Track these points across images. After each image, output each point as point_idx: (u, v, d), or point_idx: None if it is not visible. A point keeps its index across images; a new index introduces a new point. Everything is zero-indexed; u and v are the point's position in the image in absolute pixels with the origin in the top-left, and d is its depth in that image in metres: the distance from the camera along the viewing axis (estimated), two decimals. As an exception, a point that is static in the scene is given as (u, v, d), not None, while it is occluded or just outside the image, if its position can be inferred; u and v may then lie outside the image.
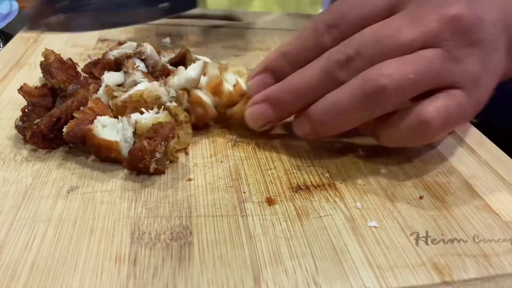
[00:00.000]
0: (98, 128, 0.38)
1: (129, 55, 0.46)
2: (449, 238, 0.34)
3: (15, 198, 0.35)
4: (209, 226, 0.34)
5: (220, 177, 0.39)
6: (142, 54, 0.46)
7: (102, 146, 0.38)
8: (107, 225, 0.33)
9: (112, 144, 0.38)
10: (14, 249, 0.31)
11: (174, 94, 0.44)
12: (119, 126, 0.39)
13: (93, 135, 0.38)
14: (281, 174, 0.40)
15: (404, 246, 0.33)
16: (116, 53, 0.49)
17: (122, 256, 0.31)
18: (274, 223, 0.34)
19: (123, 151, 0.38)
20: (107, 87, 0.43)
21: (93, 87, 0.43)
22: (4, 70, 0.56)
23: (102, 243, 0.32)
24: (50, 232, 0.32)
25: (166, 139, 0.37)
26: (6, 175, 0.38)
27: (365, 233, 0.34)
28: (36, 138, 0.40)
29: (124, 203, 0.35)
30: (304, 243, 0.33)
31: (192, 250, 0.32)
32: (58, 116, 0.40)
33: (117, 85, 0.44)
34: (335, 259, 0.32)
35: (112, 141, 0.38)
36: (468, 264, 0.32)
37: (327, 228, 0.34)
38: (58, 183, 0.37)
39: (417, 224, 0.35)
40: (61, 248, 0.31)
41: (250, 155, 0.43)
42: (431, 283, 0.30)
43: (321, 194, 0.38)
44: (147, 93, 0.42)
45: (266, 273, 0.30)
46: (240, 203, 0.36)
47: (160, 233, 0.33)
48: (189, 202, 0.36)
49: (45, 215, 0.34)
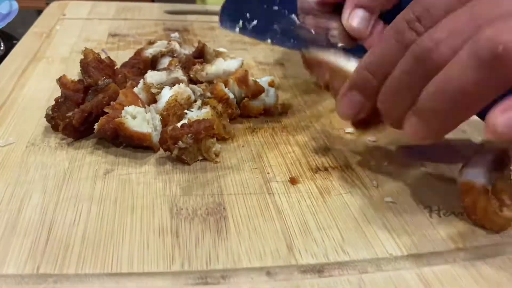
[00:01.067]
0: (128, 120, 0.40)
1: (164, 53, 0.49)
2: (459, 211, 0.37)
3: (55, 180, 0.38)
4: (240, 203, 0.36)
5: (244, 160, 0.42)
6: (174, 52, 0.49)
7: (135, 137, 0.40)
8: (146, 202, 0.36)
9: (145, 136, 0.40)
10: (63, 224, 0.33)
11: (201, 91, 0.47)
12: (148, 116, 0.41)
13: (126, 128, 0.40)
14: (300, 157, 0.43)
15: (419, 218, 0.36)
16: (152, 51, 0.52)
17: (165, 229, 0.33)
18: (299, 200, 0.37)
19: (154, 140, 0.41)
20: (145, 84, 0.45)
21: (131, 84, 0.46)
22: (24, 62, 0.58)
23: (144, 218, 0.34)
24: (94, 210, 0.35)
25: (196, 133, 0.39)
26: (43, 160, 0.40)
27: (383, 208, 0.37)
28: (68, 131, 0.42)
29: (159, 184, 0.38)
30: (328, 217, 0.36)
31: (228, 223, 0.34)
32: (89, 111, 0.42)
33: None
34: (359, 230, 0.35)
35: (145, 133, 0.40)
36: (478, 233, 0.35)
37: (348, 203, 0.37)
38: (94, 166, 0.40)
39: (429, 199, 0.39)
40: (107, 223, 0.33)
41: (268, 141, 0.46)
42: (446, 249, 0.33)
43: (339, 174, 0.41)
44: (180, 95, 0.44)
45: (298, 242, 0.33)
46: (266, 182, 0.39)
47: (196, 209, 0.35)
48: (219, 182, 0.39)
49: (86, 195, 0.36)
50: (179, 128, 0.39)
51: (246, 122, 0.49)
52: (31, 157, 0.40)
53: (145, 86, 0.45)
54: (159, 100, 0.43)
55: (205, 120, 0.39)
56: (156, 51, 0.52)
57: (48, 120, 0.43)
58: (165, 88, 0.45)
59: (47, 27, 0.71)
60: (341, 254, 0.32)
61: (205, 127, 0.39)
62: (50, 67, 0.58)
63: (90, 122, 0.42)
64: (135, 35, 0.71)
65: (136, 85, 0.46)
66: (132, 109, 0.41)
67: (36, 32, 0.68)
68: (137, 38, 0.70)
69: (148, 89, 0.45)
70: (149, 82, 0.46)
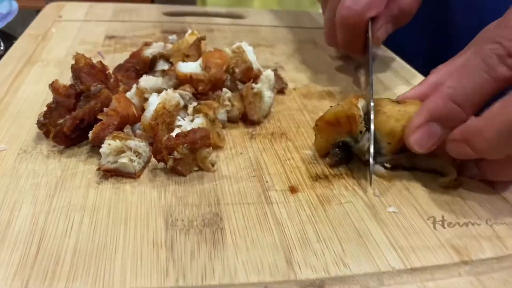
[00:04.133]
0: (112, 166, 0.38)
1: (162, 54, 0.48)
2: (464, 222, 0.36)
3: (47, 188, 0.36)
4: (238, 213, 0.35)
5: (242, 168, 0.41)
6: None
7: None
8: (140, 213, 0.35)
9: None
10: (55, 236, 0.32)
11: (190, 95, 0.45)
12: (131, 154, 0.38)
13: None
14: (300, 164, 0.42)
15: (422, 229, 0.35)
16: (152, 51, 0.51)
17: (159, 241, 0.32)
18: (298, 210, 0.36)
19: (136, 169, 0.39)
20: (138, 88, 0.44)
21: (123, 88, 0.44)
22: (18, 66, 0.56)
23: (138, 229, 0.33)
24: (86, 220, 0.33)
25: (192, 143, 0.38)
26: (35, 168, 0.39)
27: (385, 218, 0.36)
28: (59, 138, 0.41)
29: (153, 193, 0.37)
30: (329, 228, 0.34)
31: (224, 235, 0.33)
32: (81, 118, 0.40)
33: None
34: (360, 241, 0.33)
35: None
36: (484, 245, 0.34)
37: (349, 213, 0.36)
38: (87, 175, 0.38)
39: (433, 209, 0.37)
40: (99, 234, 0.32)
41: (267, 147, 0.44)
42: (451, 263, 0.32)
43: (340, 183, 0.40)
44: (168, 102, 0.42)
45: (297, 255, 0.32)
46: (264, 191, 0.38)
47: (192, 220, 0.34)
48: (216, 191, 0.38)
49: (79, 205, 0.35)
50: (174, 138, 0.37)
51: (244, 128, 0.47)
52: (22, 164, 0.39)
53: (138, 90, 0.44)
54: (147, 109, 0.42)
55: (200, 129, 0.38)
56: (155, 51, 0.51)
57: (39, 126, 0.42)
58: (152, 95, 0.43)
59: (42, 29, 0.69)
60: (342, 267, 0.31)
61: (201, 136, 0.37)
62: (44, 70, 0.56)
63: (82, 129, 0.40)
64: (132, 37, 0.70)
65: (128, 89, 0.45)
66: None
67: (32, 34, 0.67)
68: (134, 41, 0.68)
69: (141, 94, 0.44)
70: (143, 86, 0.45)
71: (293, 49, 0.70)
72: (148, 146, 0.39)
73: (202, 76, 0.45)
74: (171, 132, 0.40)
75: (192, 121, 0.42)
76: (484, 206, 0.38)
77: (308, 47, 0.72)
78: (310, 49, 0.71)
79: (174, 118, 0.42)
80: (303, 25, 0.82)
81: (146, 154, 0.39)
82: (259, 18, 0.84)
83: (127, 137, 0.38)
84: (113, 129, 0.39)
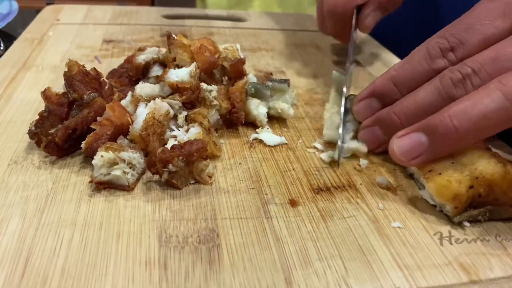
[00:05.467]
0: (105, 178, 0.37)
1: (156, 59, 0.47)
2: (472, 238, 0.35)
3: (37, 202, 0.35)
4: (235, 229, 0.34)
5: (240, 179, 0.39)
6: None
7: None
8: (133, 228, 0.33)
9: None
10: (42, 254, 0.30)
11: (179, 103, 0.44)
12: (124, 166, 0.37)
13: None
14: (301, 175, 0.40)
15: (429, 246, 0.34)
16: (145, 57, 0.49)
17: (152, 260, 0.30)
18: (299, 225, 0.35)
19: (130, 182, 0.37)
20: (133, 96, 0.43)
21: (118, 96, 0.43)
22: (12, 71, 0.55)
23: (131, 247, 0.31)
24: (76, 237, 0.32)
25: (188, 156, 0.36)
26: (26, 180, 0.37)
27: (390, 234, 0.34)
28: (51, 148, 0.39)
29: (148, 206, 0.35)
30: (331, 244, 0.33)
31: (221, 252, 0.31)
32: (74, 128, 0.39)
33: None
34: (363, 260, 0.32)
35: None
36: (493, 263, 0.32)
37: (352, 229, 0.35)
38: (79, 187, 0.37)
39: (440, 224, 0.36)
40: (90, 252, 0.31)
41: (267, 157, 0.43)
42: (459, 282, 0.31)
43: (342, 195, 0.38)
44: (157, 112, 0.41)
45: (297, 275, 0.30)
46: (263, 205, 0.36)
47: (188, 236, 0.33)
48: (213, 205, 0.36)
49: (69, 220, 0.33)
50: (169, 150, 0.36)
51: (243, 136, 0.46)
52: (12, 177, 0.37)
53: (133, 98, 0.42)
54: (135, 120, 0.40)
55: (197, 141, 0.36)
56: (149, 57, 0.50)
57: (30, 136, 0.40)
58: (140, 105, 0.41)
59: (39, 32, 0.68)
60: (344, 288, 0.30)
61: (198, 148, 0.36)
62: (39, 76, 0.55)
63: (74, 139, 0.39)
64: (130, 41, 0.68)
65: (124, 96, 0.43)
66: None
67: (28, 38, 0.66)
68: (132, 45, 0.67)
69: (137, 101, 0.42)
70: (138, 94, 0.43)
71: (295, 53, 0.69)
72: (143, 157, 0.38)
73: (189, 84, 0.44)
74: (163, 143, 0.39)
75: (187, 131, 0.40)
76: (493, 221, 0.36)
77: (310, 51, 0.70)
78: (312, 53, 0.69)
79: (165, 128, 0.41)
80: (305, 28, 0.80)
81: (141, 166, 0.37)
82: (260, 21, 0.82)
83: (120, 148, 0.36)
84: (106, 139, 0.38)
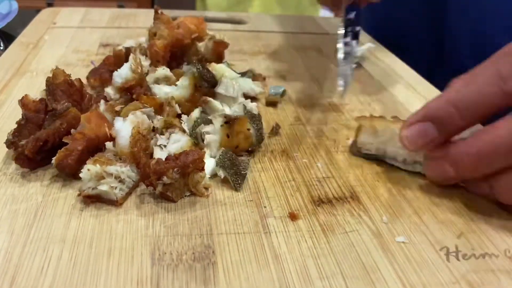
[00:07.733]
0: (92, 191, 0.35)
1: (136, 48, 0.49)
2: (480, 253, 0.33)
3: (26, 217, 0.33)
4: (232, 245, 0.32)
5: (238, 191, 0.38)
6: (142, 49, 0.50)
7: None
8: (125, 245, 0.32)
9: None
10: (29, 273, 0.29)
11: (152, 110, 0.42)
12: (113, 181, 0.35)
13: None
14: (301, 187, 0.39)
15: (435, 262, 0.32)
16: (126, 45, 0.52)
17: (144, 279, 0.29)
18: (299, 241, 0.33)
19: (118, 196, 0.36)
20: (106, 104, 0.41)
21: (95, 107, 0.41)
22: (6, 77, 0.54)
23: (122, 265, 0.30)
24: (65, 255, 0.30)
25: (183, 167, 0.34)
26: (14, 192, 0.36)
27: (394, 249, 0.33)
28: (21, 160, 0.38)
29: (141, 221, 0.34)
30: (332, 262, 0.31)
31: (216, 271, 0.30)
32: (45, 140, 0.37)
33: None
34: (366, 278, 0.30)
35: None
36: (503, 281, 0.31)
37: (355, 244, 0.33)
38: (70, 200, 0.35)
39: (446, 238, 0.34)
40: (79, 271, 0.29)
41: (267, 166, 0.41)
42: (467, 303, 0.29)
43: (344, 208, 0.37)
44: (141, 126, 0.39)
45: (296, 296, 0.29)
46: (262, 218, 0.35)
47: (182, 253, 0.31)
48: (209, 219, 0.34)
49: (59, 236, 0.32)
50: (163, 162, 0.34)
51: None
52: (1, 189, 0.36)
53: (107, 106, 0.41)
54: (117, 136, 0.38)
55: (193, 152, 0.35)
56: (130, 44, 0.52)
57: (7, 145, 0.38)
58: (117, 120, 0.39)
59: (35, 36, 0.67)
60: (346, 310, 0.28)
61: (193, 159, 0.34)
62: (34, 82, 0.54)
63: (46, 151, 0.37)
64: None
65: (99, 100, 0.43)
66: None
67: (23, 42, 0.64)
68: (129, 49, 0.65)
69: (112, 108, 0.41)
70: (116, 81, 0.45)
71: (296, 57, 0.67)
72: (135, 170, 0.36)
73: (133, 80, 0.45)
74: (150, 157, 0.37)
75: (169, 138, 0.39)
76: (502, 234, 0.35)
77: (312, 55, 0.68)
78: (314, 57, 0.68)
79: (149, 142, 0.39)
80: (306, 31, 0.79)
81: (132, 179, 0.36)
82: (261, 23, 0.80)
83: (108, 162, 0.35)
84: (77, 155, 0.36)
